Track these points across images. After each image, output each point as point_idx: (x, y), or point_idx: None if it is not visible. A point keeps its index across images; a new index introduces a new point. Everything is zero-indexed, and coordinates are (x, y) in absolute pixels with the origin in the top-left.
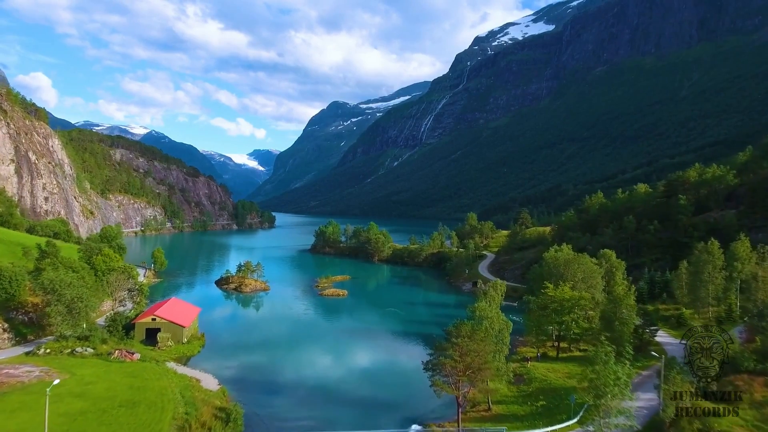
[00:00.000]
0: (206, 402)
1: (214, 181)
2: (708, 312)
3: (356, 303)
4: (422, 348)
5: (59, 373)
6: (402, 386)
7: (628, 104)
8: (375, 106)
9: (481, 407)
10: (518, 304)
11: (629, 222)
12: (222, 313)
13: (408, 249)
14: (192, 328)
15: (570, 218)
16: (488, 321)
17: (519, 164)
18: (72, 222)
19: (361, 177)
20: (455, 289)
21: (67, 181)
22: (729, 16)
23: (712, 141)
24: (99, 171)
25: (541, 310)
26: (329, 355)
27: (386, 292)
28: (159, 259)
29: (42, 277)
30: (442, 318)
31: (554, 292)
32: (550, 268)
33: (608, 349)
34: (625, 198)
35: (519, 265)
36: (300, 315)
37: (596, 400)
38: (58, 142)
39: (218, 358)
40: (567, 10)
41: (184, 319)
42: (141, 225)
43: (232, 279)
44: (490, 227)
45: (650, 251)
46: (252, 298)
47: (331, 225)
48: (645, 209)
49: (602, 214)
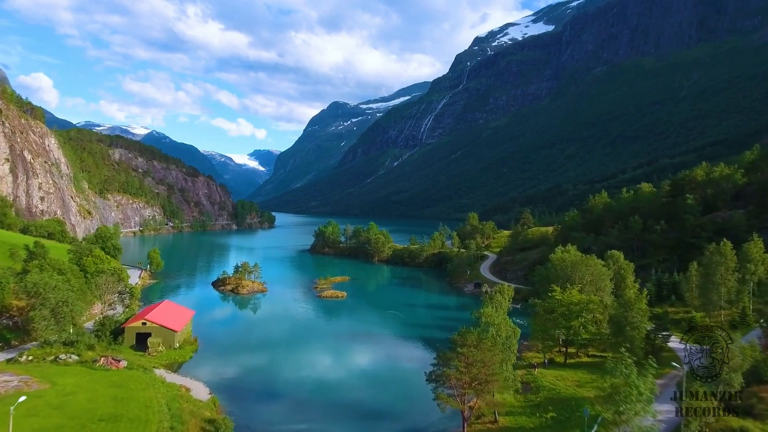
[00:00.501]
0: (195, 414)
1: (214, 180)
2: (720, 315)
3: (356, 305)
4: (424, 353)
5: (39, 382)
6: (403, 395)
7: (628, 104)
8: (375, 106)
9: (487, 419)
10: (522, 306)
11: (635, 222)
12: (217, 316)
13: (408, 249)
14: (185, 332)
15: (573, 218)
16: (495, 328)
17: (519, 164)
18: (68, 222)
19: (361, 177)
20: (456, 291)
21: (63, 181)
22: (728, 17)
23: (713, 141)
24: (97, 171)
25: (548, 314)
26: (327, 360)
27: (386, 293)
28: (155, 259)
29: (25, 279)
30: (443, 321)
31: (562, 295)
32: (557, 270)
33: (629, 361)
34: (630, 198)
35: (522, 266)
36: (298, 318)
37: (616, 417)
38: (55, 142)
39: (211, 364)
40: (566, 11)
41: (177, 323)
42: (140, 225)
43: (228, 280)
44: (492, 227)
45: (656, 252)
46: (249, 300)
47: (331, 225)
48: (651, 209)
49: (607, 214)
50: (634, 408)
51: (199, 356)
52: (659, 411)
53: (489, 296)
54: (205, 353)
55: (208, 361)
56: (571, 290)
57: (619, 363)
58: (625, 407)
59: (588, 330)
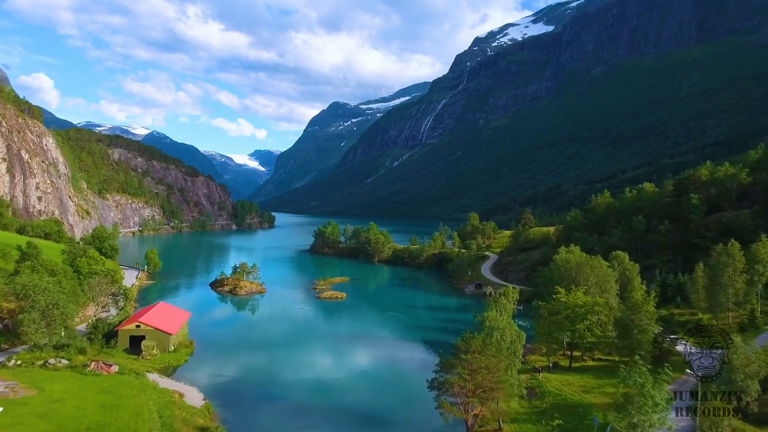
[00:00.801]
0: (187, 422)
1: (213, 180)
2: (728, 317)
3: (355, 306)
4: (425, 355)
5: (26, 388)
6: (404, 401)
7: (628, 104)
8: (375, 106)
9: (490, 426)
10: (524, 307)
11: (639, 222)
12: (214, 318)
13: (408, 250)
14: (180, 335)
15: (575, 218)
16: (499, 332)
17: (519, 164)
18: (66, 222)
19: (362, 177)
20: (457, 292)
21: (61, 181)
22: (728, 17)
23: (713, 141)
24: (96, 171)
25: (552, 317)
26: (326, 364)
27: (386, 294)
28: (152, 260)
29: (14, 281)
30: (445, 323)
31: (566, 297)
32: (561, 272)
33: (643, 370)
34: (633, 197)
35: (523, 266)
36: (296, 319)
37: (629, 429)
38: (53, 141)
39: (207, 368)
40: (566, 11)
41: (172, 325)
42: (139, 225)
43: (226, 281)
44: (493, 227)
45: (660, 253)
46: (247, 301)
47: (330, 225)
48: (654, 209)
49: (610, 213)
50: (649, 419)
51: (195, 360)
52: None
53: (493, 299)
54: (201, 356)
55: (203, 364)
56: (576, 292)
57: (632, 371)
58: (640, 419)
59: (593, 333)
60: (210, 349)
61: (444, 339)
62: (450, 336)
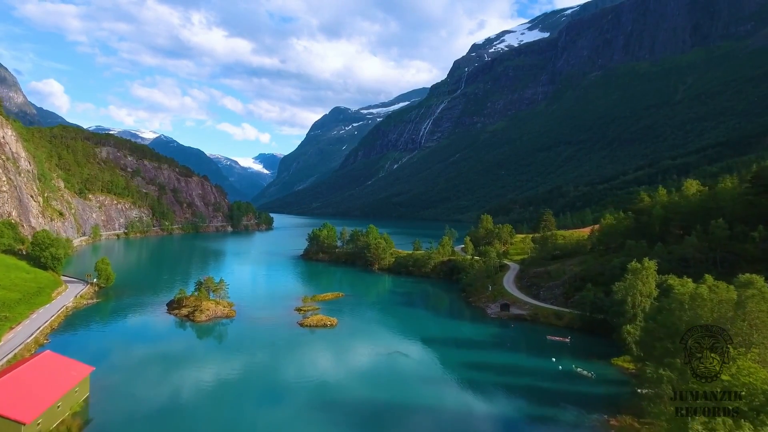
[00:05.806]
0: None
1: (209, 181)
2: None
3: (348, 339)
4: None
5: None
6: None
7: (624, 108)
8: (375, 111)
9: None
10: (571, 340)
11: (719, 227)
12: (150, 360)
13: (413, 256)
14: (56, 414)
15: (621, 221)
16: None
17: (516, 167)
18: (26, 224)
19: (362, 179)
20: (476, 312)
21: (21, 178)
22: (722, 22)
23: (714, 142)
24: (78, 169)
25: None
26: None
27: (388, 317)
28: (104, 271)
29: None
30: (477, 371)
31: (731, 369)
32: (687, 313)
33: None
34: (706, 195)
35: (559, 281)
36: (263, 366)
37: None
38: (12, 134)
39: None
40: (561, 18)
41: (36, 401)
42: (125, 227)
43: (186, 301)
44: (510, 231)
45: (749, 266)
46: (206, 330)
47: (326, 228)
48: (734, 210)
49: (672, 215)
50: None
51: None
52: None
53: None
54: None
55: None
56: (743, 359)
57: None
58: None
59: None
60: (113, 427)
61: (476, 401)
62: (484, 396)
